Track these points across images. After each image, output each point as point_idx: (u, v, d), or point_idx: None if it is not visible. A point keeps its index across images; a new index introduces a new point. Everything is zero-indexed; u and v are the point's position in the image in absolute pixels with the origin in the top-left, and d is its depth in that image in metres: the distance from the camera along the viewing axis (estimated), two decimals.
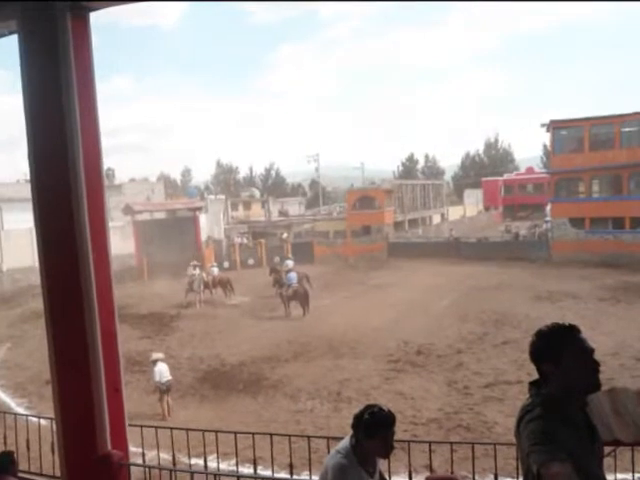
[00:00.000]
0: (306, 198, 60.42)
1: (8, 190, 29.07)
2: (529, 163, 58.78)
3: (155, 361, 10.30)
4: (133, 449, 3.86)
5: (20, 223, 22.02)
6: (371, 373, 11.43)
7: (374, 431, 2.58)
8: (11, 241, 23.70)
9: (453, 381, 10.75)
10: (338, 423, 8.73)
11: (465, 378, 10.87)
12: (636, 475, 3.85)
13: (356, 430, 2.64)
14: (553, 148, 27.66)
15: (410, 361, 12.08)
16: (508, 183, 52.23)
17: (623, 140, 25.31)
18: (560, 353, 1.82)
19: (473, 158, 65.46)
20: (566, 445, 1.71)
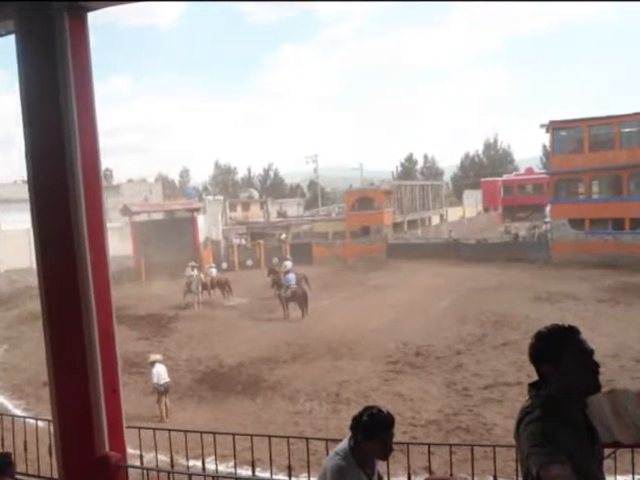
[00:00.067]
0: (305, 199, 60.37)
1: (5, 191, 29.05)
2: (528, 164, 58.82)
3: (153, 362, 10.28)
4: (131, 451, 3.84)
5: (17, 224, 22.00)
6: (370, 374, 11.42)
7: (373, 433, 2.57)
8: (8, 242, 23.60)
9: (452, 382, 10.74)
10: (337, 425, 8.73)
11: (464, 379, 10.86)
12: (636, 477, 3.84)
13: (355, 432, 2.64)
14: (552, 149, 27.59)
15: (409, 362, 12.07)
16: (507, 184, 52.14)
17: (623, 141, 25.26)
18: (560, 354, 1.82)
19: (472, 159, 65.35)
20: (566, 447, 1.70)
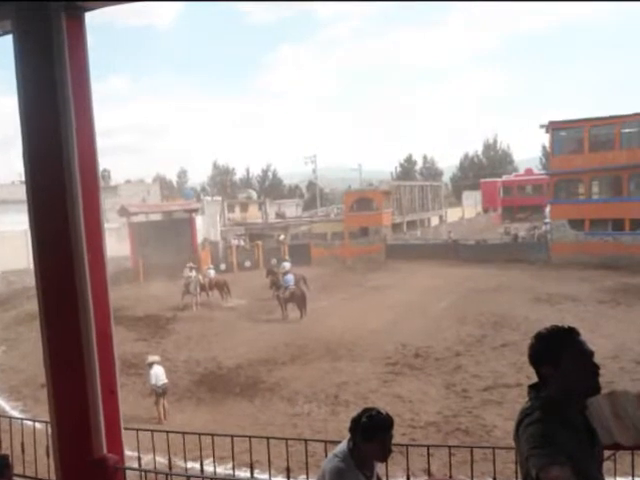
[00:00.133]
0: (303, 200, 60.34)
1: (3, 191, 29.04)
2: (528, 164, 58.84)
3: (151, 364, 10.25)
4: (129, 453, 3.84)
5: (15, 225, 21.92)
6: (369, 376, 11.40)
7: (372, 434, 2.56)
8: (6, 243, 23.55)
9: (452, 384, 10.72)
10: (335, 426, 8.71)
11: (464, 381, 10.84)
12: (636, 479, 3.83)
13: (354, 433, 2.63)
14: (552, 149, 27.52)
15: (408, 364, 12.05)
16: (507, 184, 52.11)
17: (623, 141, 25.21)
18: (559, 356, 1.82)
19: (472, 159, 65.22)
20: (565, 448, 1.70)
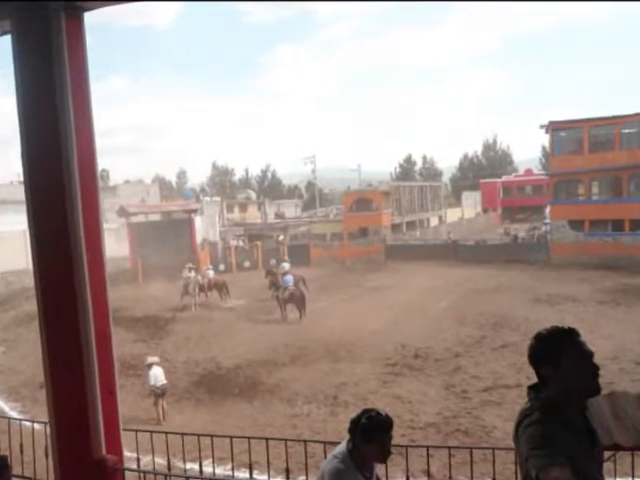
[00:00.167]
0: (302, 200, 60.36)
1: (1, 192, 29.00)
2: (528, 165, 58.77)
3: (150, 365, 10.25)
4: (128, 454, 3.82)
5: (14, 225, 21.88)
6: (368, 377, 11.39)
7: (371, 435, 2.55)
8: (4, 243, 23.54)
9: (451, 385, 10.72)
10: (335, 427, 8.70)
11: (463, 382, 10.83)
12: None
13: (353, 434, 2.62)
14: (552, 149, 27.43)
15: (408, 365, 12.04)
16: (507, 185, 52.05)
17: (623, 141, 25.14)
18: (559, 356, 1.81)
19: (471, 160, 65.14)
20: (565, 449, 1.69)
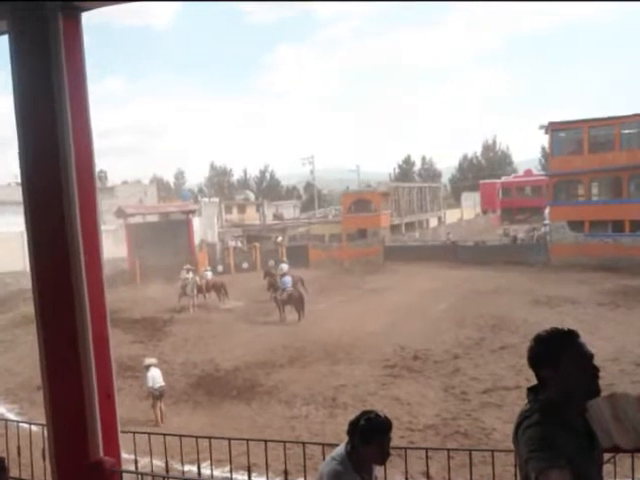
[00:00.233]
0: (301, 201, 60.43)
1: None
2: (527, 165, 58.81)
3: (148, 366, 10.22)
4: (125, 456, 3.80)
5: (11, 226, 21.79)
6: (367, 379, 11.38)
7: (370, 437, 2.55)
8: (2, 245, 23.46)
9: (450, 387, 10.71)
10: (333, 429, 8.68)
11: (462, 384, 10.83)
12: None
13: (352, 436, 2.61)
14: (552, 150, 27.38)
15: (407, 366, 12.03)
16: (506, 186, 52.02)
17: (623, 142, 25.11)
18: (559, 358, 1.81)
19: (471, 160, 65.18)
20: (565, 451, 1.69)
